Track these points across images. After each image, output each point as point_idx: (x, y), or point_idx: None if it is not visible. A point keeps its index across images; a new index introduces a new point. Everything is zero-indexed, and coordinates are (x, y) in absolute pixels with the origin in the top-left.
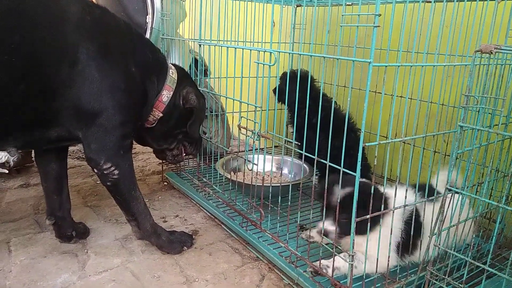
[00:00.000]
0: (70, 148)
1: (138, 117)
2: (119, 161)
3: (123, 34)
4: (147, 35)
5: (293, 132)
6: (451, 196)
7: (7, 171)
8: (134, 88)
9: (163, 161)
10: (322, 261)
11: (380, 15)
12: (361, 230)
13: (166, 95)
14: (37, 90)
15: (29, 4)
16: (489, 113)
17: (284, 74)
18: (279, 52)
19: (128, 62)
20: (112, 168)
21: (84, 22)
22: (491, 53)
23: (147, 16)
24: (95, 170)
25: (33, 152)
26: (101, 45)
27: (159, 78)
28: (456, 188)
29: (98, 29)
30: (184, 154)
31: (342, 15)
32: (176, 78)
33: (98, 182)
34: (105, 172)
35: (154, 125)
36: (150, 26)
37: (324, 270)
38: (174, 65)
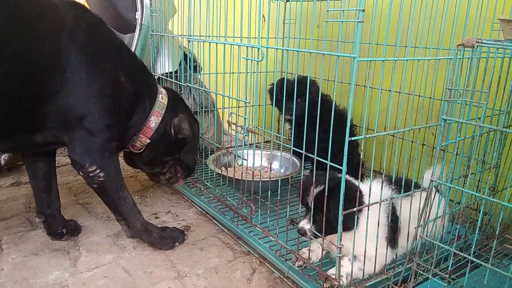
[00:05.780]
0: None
1: (125, 123)
2: (104, 164)
3: (115, 45)
4: (137, 32)
5: (290, 128)
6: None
7: None
8: (121, 94)
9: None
10: (331, 270)
11: (364, 10)
12: (347, 226)
13: (154, 121)
14: (31, 97)
15: (28, 14)
16: (474, 106)
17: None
18: (267, 48)
19: (118, 70)
20: (98, 171)
21: (77, 29)
22: (473, 47)
23: (136, 13)
24: (81, 173)
25: None
26: (92, 51)
27: (149, 101)
28: (441, 180)
29: (90, 36)
30: (179, 176)
31: (327, 11)
32: (166, 103)
33: None
34: (90, 175)
35: (141, 150)
36: (139, 22)
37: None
38: (167, 88)
